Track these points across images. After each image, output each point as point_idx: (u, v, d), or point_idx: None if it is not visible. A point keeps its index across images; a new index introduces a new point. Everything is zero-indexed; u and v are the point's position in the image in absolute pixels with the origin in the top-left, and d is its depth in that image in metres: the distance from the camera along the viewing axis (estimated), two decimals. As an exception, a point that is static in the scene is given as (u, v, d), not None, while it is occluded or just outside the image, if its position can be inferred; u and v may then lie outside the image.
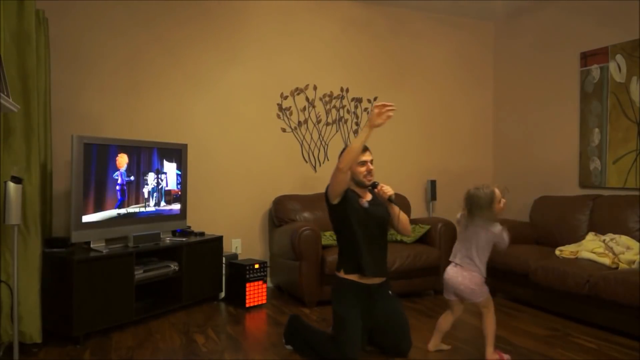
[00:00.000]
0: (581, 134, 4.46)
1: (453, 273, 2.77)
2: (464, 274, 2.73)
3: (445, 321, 2.90)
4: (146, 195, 3.68)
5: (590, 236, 3.78)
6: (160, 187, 3.79)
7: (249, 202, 4.54)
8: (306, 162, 4.77)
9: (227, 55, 4.45)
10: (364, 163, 2.82)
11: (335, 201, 2.75)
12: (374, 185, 2.87)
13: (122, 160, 3.50)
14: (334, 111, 4.86)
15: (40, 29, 3.19)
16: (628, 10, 4.06)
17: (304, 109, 4.74)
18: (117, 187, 3.47)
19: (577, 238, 3.96)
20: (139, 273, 3.41)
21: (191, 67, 4.32)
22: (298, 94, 4.71)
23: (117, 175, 3.47)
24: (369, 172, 2.83)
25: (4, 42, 2.69)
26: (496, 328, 3.37)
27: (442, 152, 5.31)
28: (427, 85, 5.25)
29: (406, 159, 5.16)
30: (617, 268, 3.41)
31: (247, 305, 3.84)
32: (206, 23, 4.36)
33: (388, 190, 2.82)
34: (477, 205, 2.70)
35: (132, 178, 3.55)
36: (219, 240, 4.04)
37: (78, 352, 2.89)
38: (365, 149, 2.82)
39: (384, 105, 2.58)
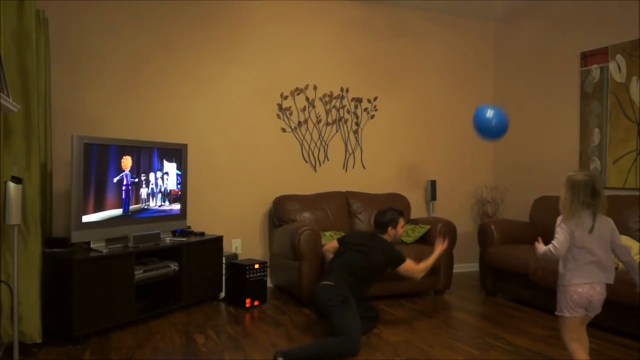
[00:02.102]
0: (581, 134, 4.46)
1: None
2: None
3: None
4: (146, 195, 3.68)
5: (590, 236, 3.78)
6: (160, 187, 3.79)
7: (249, 202, 4.54)
8: (306, 162, 4.77)
9: (227, 55, 4.45)
10: (404, 226, 3.56)
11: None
12: None
13: (127, 162, 3.51)
14: (334, 111, 4.86)
15: (40, 29, 3.20)
16: (628, 10, 4.06)
17: (304, 109, 4.74)
18: (123, 188, 3.48)
19: (577, 238, 3.96)
20: (139, 273, 3.41)
21: (191, 67, 4.32)
22: (298, 94, 4.71)
23: (123, 176, 3.47)
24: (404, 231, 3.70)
25: (4, 42, 2.69)
26: (494, 327, 3.38)
27: (442, 152, 5.31)
28: (427, 85, 5.25)
29: (406, 159, 5.16)
30: (617, 268, 3.40)
31: (247, 305, 3.85)
32: (206, 23, 4.36)
33: None
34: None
35: (136, 179, 3.56)
36: (219, 240, 4.04)
37: (78, 352, 2.90)
38: (404, 213, 3.61)
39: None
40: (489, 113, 3.27)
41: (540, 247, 2.43)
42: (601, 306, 2.38)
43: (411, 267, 3.33)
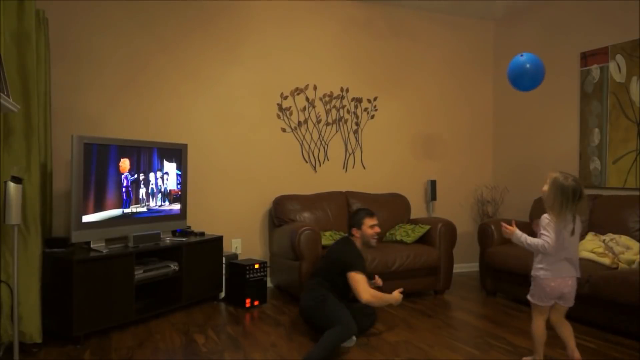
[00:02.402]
0: (581, 134, 4.46)
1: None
2: None
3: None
4: (146, 196, 3.68)
5: (590, 236, 3.78)
6: (160, 187, 3.79)
7: (249, 202, 4.54)
8: (306, 162, 4.77)
9: (227, 55, 4.45)
10: (373, 226, 3.30)
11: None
12: (371, 277, 3.36)
13: (125, 165, 3.51)
14: (334, 111, 4.86)
15: (40, 29, 3.20)
16: (628, 10, 4.06)
17: (304, 109, 4.74)
18: (123, 188, 3.48)
19: (577, 238, 3.96)
20: (139, 273, 3.41)
21: (191, 67, 4.32)
22: (298, 94, 4.71)
23: (124, 179, 3.47)
24: (377, 234, 3.33)
25: (4, 42, 2.69)
26: (495, 327, 3.38)
27: (442, 152, 5.31)
28: (427, 85, 5.25)
29: (406, 159, 5.17)
30: (617, 268, 3.41)
31: (247, 305, 3.85)
32: (206, 23, 4.36)
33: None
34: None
35: (135, 177, 3.56)
36: (219, 240, 4.04)
37: (78, 352, 2.90)
38: (373, 214, 3.33)
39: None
40: (522, 57, 3.08)
41: (520, 233, 2.57)
42: (573, 298, 2.57)
43: (358, 282, 3.07)
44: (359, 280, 3.08)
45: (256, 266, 3.90)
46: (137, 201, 3.61)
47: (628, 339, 3.12)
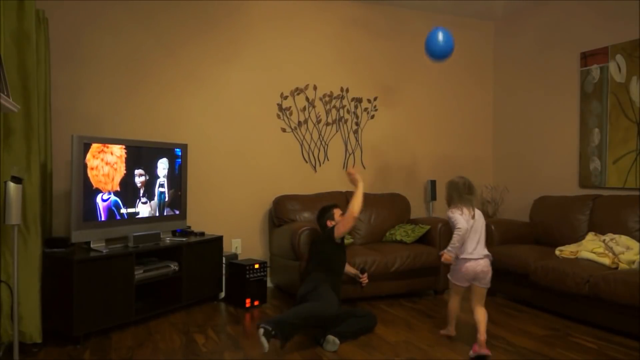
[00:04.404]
0: (581, 134, 4.46)
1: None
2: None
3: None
4: (146, 196, 3.68)
5: (590, 236, 3.78)
6: (160, 187, 3.79)
7: (249, 202, 4.54)
8: (306, 162, 4.77)
9: (227, 55, 4.45)
10: (341, 215, 3.58)
11: (339, 240, 3.43)
12: (364, 271, 3.72)
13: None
14: (334, 111, 4.86)
15: (40, 29, 3.20)
16: (628, 10, 4.06)
17: (304, 109, 4.74)
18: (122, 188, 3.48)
19: (577, 238, 3.96)
20: (139, 273, 3.41)
21: (191, 67, 4.32)
22: (298, 94, 4.71)
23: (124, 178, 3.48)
24: None
25: (4, 42, 2.70)
26: (494, 327, 3.38)
27: (442, 152, 5.31)
28: (427, 85, 5.25)
29: (406, 159, 5.16)
30: (617, 268, 3.41)
31: (247, 305, 3.85)
32: (206, 23, 4.36)
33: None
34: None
35: (135, 177, 3.56)
36: (219, 240, 4.04)
37: (78, 352, 2.90)
38: (336, 205, 3.73)
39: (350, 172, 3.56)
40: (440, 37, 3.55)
41: (448, 249, 2.97)
42: (489, 280, 3.02)
43: (343, 216, 3.42)
44: (343, 215, 3.44)
45: (256, 266, 3.90)
46: (137, 201, 3.61)
47: (628, 339, 3.12)
